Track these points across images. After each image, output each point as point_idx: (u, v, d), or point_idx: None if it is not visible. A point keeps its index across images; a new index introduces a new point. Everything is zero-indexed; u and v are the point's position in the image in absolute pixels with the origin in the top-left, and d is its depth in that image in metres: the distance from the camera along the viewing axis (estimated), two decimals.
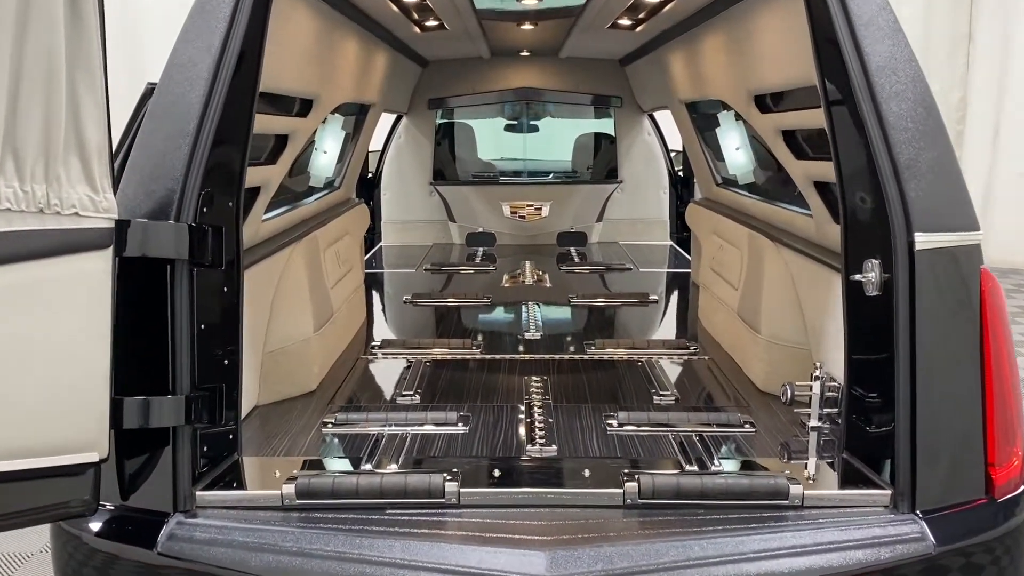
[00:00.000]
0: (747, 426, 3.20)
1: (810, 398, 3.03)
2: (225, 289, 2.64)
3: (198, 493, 2.48)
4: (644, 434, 3.14)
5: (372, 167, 7.95)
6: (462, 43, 6.17)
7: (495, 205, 7.74)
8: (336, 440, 3.13)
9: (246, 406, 3.26)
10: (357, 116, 5.49)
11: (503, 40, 6.25)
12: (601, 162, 8.07)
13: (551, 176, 8.15)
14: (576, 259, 7.16)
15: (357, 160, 5.76)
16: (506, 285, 6.09)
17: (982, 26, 12.27)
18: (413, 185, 7.80)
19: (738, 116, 4.63)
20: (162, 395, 2.44)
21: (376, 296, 5.98)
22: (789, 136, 3.78)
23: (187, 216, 2.46)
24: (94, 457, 2.22)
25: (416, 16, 4.90)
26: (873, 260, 2.52)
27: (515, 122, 8.15)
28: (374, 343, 4.46)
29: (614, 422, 3.24)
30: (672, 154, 8.00)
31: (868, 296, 2.54)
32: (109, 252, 2.21)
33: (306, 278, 3.83)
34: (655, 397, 3.62)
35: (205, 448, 2.57)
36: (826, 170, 3.24)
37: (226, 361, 2.65)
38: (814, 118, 3.21)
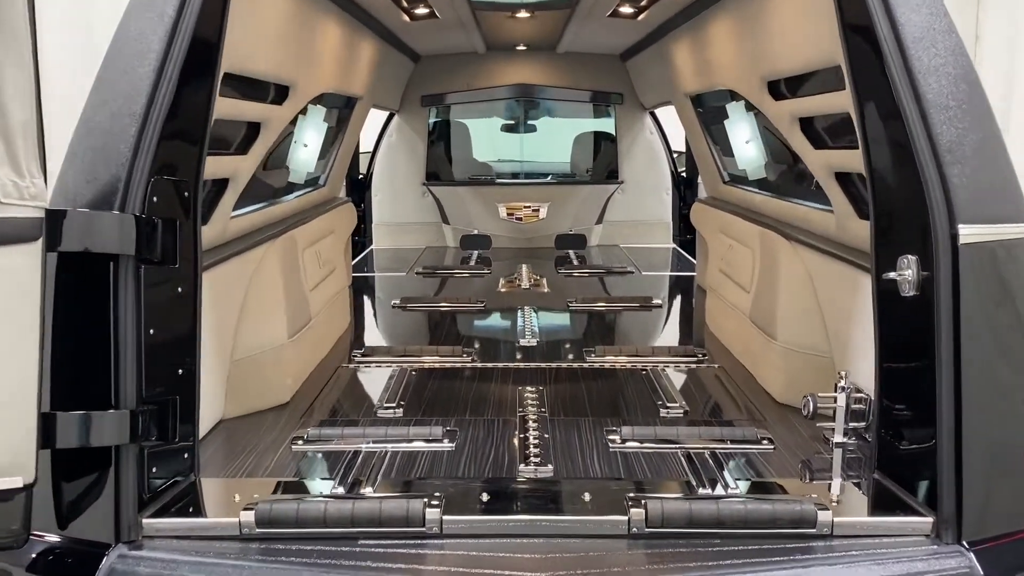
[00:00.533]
0: (764, 442, 2.93)
1: (834, 411, 2.84)
2: (180, 290, 2.40)
3: (145, 521, 2.25)
4: (650, 451, 2.89)
5: (363, 169, 7.75)
6: (455, 35, 5.96)
7: (491, 206, 7.54)
8: (309, 459, 2.85)
9: (210, 420, 3.00)
10: (342, 110, 5.23)
11: (498, 32, 6.05)
12: (601, 162, 7.89)
13: (549, 177, 7.94)
14: (575, 262, 6.95)
15: (344, 157, 5.50)
16: (502, 290, 5.86)
17: (989, 26, 12.07)
18: (405, 186, 7.61)
19: (748, 107, 4.38)
20: (103, 409, 2.21)
21: (367, 301, 5.73)
22: (807, 124, 3.54)
23: (134, 206, 2.25)
24: (18, 482, 1.98)
25: (405, 2, 4.65)
26: (909, 256, 2.30)
27: (512, 121, 7.96)
28: (358, 351, 4.17)
29: (616, 438, 2.99)
30: (675, 155, 7.79)
31: (903, 297, 2.33)
32: (38, 246, 1.99)
33: (281, 279, 3.55)
34: (661, 410, 3.36)
35: (155, 469, 2.33)
36: (849, 159, 3.01)
37: (180, 371, 2.40)
38: (836, 102, 2.99)
